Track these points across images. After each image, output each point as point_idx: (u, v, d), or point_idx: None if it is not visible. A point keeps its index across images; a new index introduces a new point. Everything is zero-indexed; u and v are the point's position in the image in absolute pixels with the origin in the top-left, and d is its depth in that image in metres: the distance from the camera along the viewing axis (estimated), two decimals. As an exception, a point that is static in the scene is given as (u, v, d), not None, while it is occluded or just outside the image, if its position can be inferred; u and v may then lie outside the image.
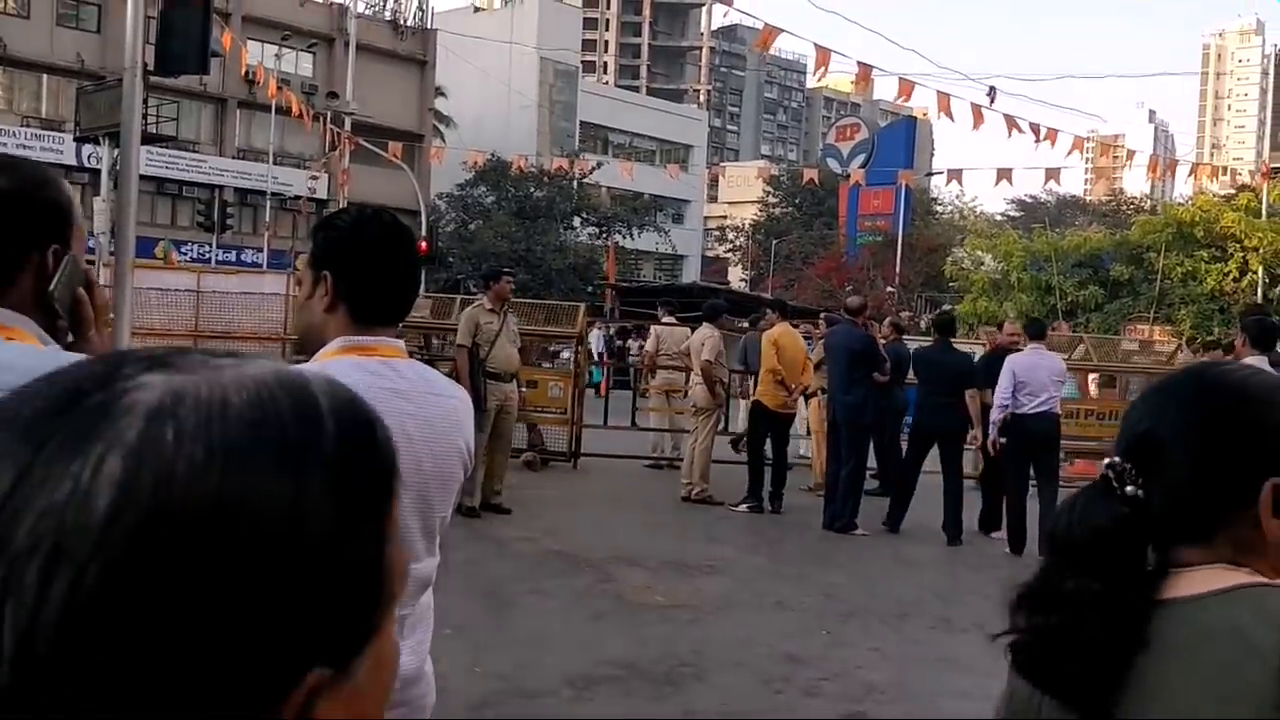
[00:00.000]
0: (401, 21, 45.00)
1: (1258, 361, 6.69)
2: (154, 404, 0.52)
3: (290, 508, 0.53)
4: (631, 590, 7.31)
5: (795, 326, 11.29)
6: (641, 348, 16.50)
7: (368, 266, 2.12)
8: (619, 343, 26.88)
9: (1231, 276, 26.78)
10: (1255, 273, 26.71)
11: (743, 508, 10.34)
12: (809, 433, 12.76)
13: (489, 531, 8.76)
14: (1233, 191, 30.20)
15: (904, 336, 12.77)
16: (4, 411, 0.53)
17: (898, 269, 38.71)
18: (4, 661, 0.49)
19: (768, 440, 10.57)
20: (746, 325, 14.22)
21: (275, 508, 0.53)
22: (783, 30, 14.47)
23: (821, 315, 14.03)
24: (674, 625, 6.59)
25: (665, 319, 13.58)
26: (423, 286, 26.80)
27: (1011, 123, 16.80)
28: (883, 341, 10.72)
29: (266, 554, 0.52)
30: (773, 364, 10.30)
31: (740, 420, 12.99)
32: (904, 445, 10.76)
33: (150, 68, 8.70)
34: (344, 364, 2.05)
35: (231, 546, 0.51)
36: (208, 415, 0.53)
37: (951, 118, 16.24)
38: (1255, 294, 25.90)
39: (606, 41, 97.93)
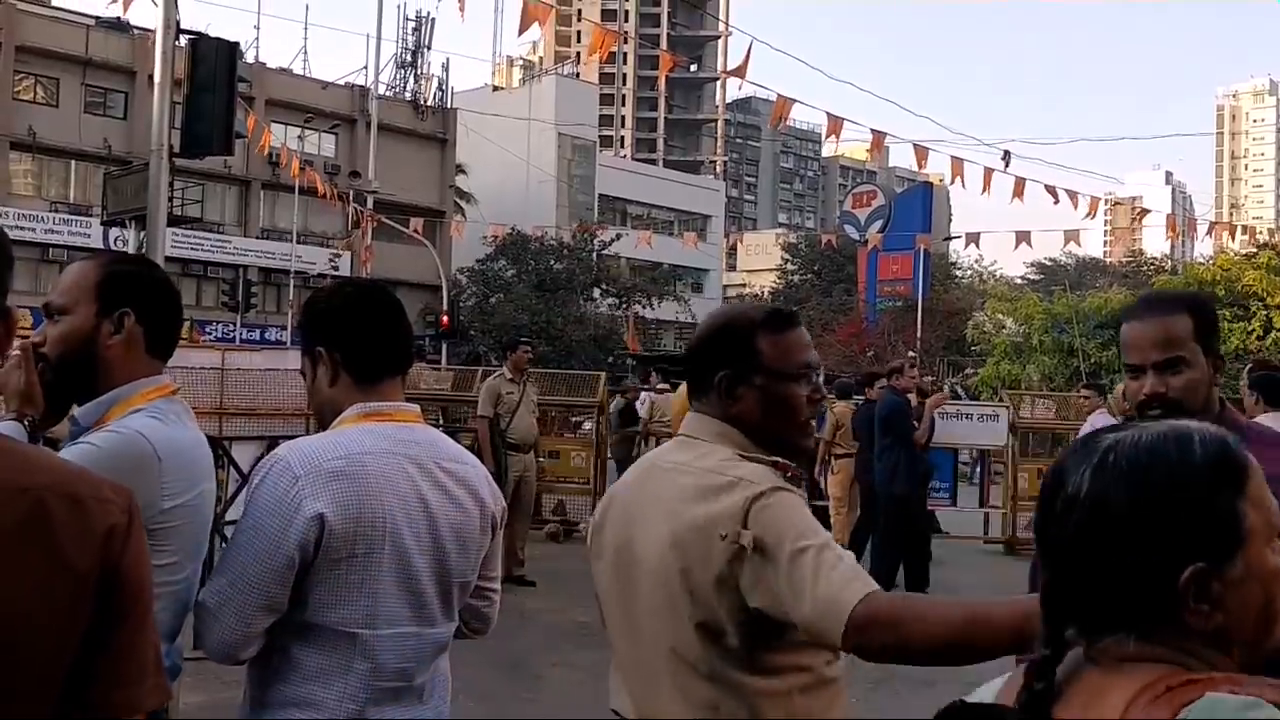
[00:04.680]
0: (422, 101, 45.82)
1: (1272, 418, 6.58)
2: (1107, 443, 1.15)
3: (1172, 487, 1.10)
4: (658, 660, 7.22)
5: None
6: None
7: (352, 327, 2.16)
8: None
9: (1255, 335, 26.63)
10: (1279, 330, 26.58)
11: None
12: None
13: (513, 603, 8.68)
14: (1253, 250, 30.07)
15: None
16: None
17: (919, 333, 38.62)
18: (1067, 548, 1.14)
19: None
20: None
21: (1169, 487, 1.10)
22: (796, 101, 14.63)
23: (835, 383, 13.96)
24: (701, 695, 6.50)
25: (659, 385, 13.59)
26: (444, 360, 26.96)
27: (1021, 186, 16.89)
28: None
29: (1166, 504, 1.10)
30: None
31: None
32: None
33: (176, 150, 8.88)
34: (358, 431, 2.08)
35: (1145, 505, 1.10)
36: (1131, 447, 1.13)
37: (964, 184, 16.36)
38: (1279, 352, 25.73)
39: (623, 116, 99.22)
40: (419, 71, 47.07)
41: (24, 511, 1.20)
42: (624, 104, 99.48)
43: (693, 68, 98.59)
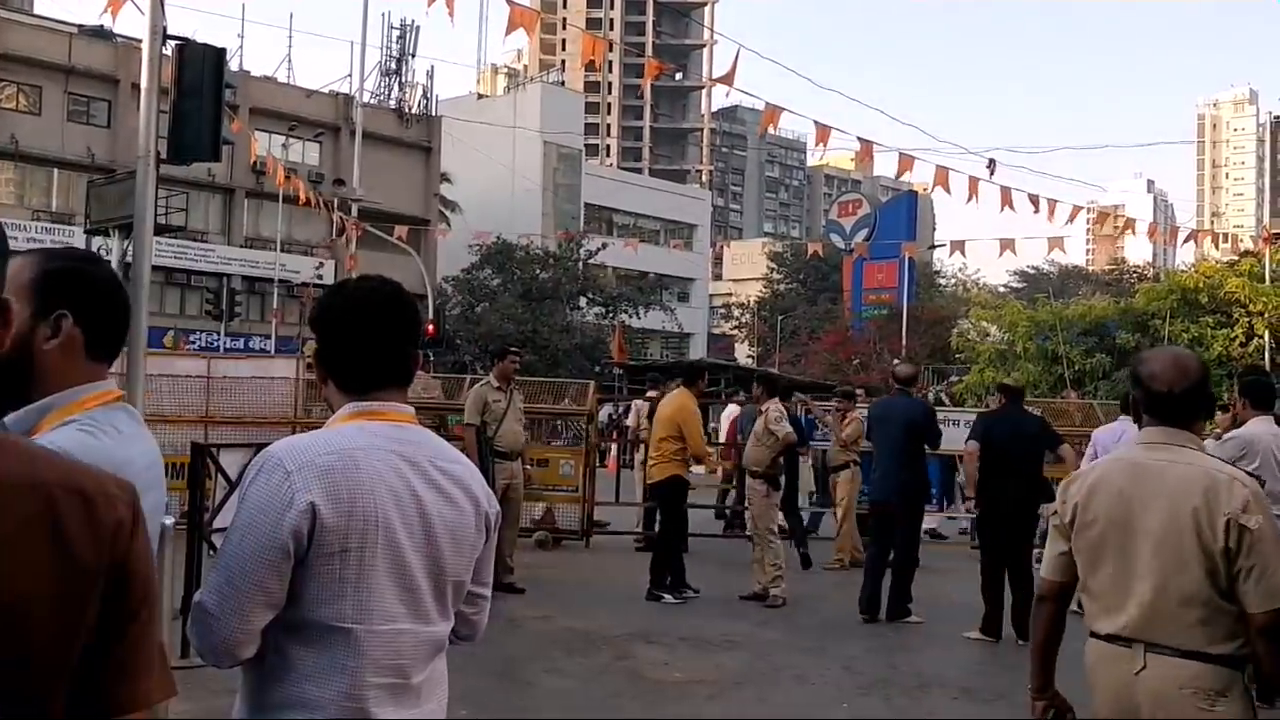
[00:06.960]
0: (406, 109, 45.74)
1: (1261, 422, 6.60)
2: None
3: None
4: (649, 667, 7.22)
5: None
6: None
7: (341, 336, 2.14)
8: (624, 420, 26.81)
9: (1238, 342, 26.78)
10: (1261, 337, 26.74)
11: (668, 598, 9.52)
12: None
13: (503, 611, 8.66)
14: (1235, 257, 30.27)
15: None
16: None
17: (903, 341, 38.75)
18: None
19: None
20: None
21: None
22: (784, 110, 14.64)
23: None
24: (693, 701, 6.49)
25: (650, 393, 13.60)
26: (431, 369, 26.89)
27: (1007, 195, 16.94)
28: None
29: None
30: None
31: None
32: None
33: (163, 157, 8.82)
34: (351, 428, 2.07)
35: None
36: None
37: (948, 191, 16.36)
38: (1262, 358, 25.87)
39: (609, 125, 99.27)
40: (403, 79, 47.02)
41: (34, 507, 1.19)
42: (609, 112, 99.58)
43: (678, 76, 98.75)
